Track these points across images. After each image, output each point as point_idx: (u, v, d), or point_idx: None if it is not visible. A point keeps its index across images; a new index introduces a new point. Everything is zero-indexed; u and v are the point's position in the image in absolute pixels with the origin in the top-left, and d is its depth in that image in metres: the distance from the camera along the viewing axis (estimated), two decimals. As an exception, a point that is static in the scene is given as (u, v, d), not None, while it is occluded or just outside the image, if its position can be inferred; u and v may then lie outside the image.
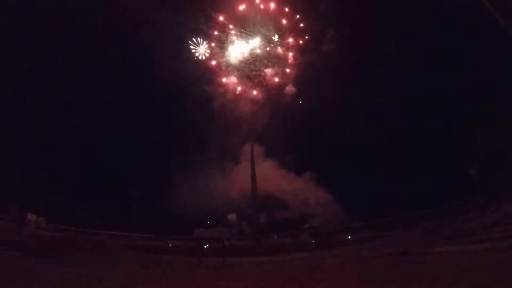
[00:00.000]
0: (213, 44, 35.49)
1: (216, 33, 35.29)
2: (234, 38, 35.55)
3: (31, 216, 25.22)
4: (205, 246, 25.95)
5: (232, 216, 32.92)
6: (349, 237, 28.30)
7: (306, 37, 35.38)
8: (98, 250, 20.79)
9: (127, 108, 32.76)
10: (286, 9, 34.79)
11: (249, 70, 35.88)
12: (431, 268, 7.76)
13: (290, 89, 36.11)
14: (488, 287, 5.71)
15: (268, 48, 35.75)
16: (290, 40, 35.60)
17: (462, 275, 6.41)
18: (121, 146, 31.95)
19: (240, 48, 35.69)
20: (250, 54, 35.64)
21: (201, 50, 35.24)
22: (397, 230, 25.48)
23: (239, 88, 36.09)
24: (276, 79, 36.03)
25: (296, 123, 34.63)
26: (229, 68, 36.00)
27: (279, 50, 36.03)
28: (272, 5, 34.65)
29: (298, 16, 34.97)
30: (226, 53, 35.82)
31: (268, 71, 36.16)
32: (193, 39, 34.85)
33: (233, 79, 36.26)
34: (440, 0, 28.88)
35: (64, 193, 27.98)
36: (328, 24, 33.63)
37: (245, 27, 35.13)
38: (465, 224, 20.38)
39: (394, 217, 26.62)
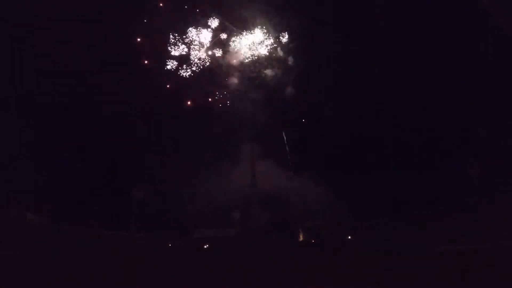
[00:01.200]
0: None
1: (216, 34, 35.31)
2: (234, 39, 35.59)
3: (31, 216, 25.26)
4: (205, 246, 26.01)
5: (233, 215, 32.93)
6: (349, 237, 28.27)
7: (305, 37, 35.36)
8: (98, 250, 20.81)
9: (127, 108, 32.76)
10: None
11: (250, 71, 35.91)
12: (431, 268, 7.76)
13: (289, 89, 36.11)
14: (488, 287, 5.71)
15: (268, 49, 35.76)
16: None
17: (462, 275, 6.41)
18: (122, 146, 31.94)
19: (241, 49, 35.73)
20: (251, 55, 35.68)
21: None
22: (396, 230, 25.44)
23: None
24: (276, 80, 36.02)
25: (296, 123, 34.68)
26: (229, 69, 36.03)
27: (279, 51, 36.04)
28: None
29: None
30: (227, 54, 35.86)
31: (268, 72, 36.19)
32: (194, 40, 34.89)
33: (233, 80, 36.31)
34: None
35: (64, 193, 27.96)
36: (326, 23, 33.57)
37: (246, 29, 35.12)
38: (465, 224, 20.35)
39: (394, 217, 26.59)
